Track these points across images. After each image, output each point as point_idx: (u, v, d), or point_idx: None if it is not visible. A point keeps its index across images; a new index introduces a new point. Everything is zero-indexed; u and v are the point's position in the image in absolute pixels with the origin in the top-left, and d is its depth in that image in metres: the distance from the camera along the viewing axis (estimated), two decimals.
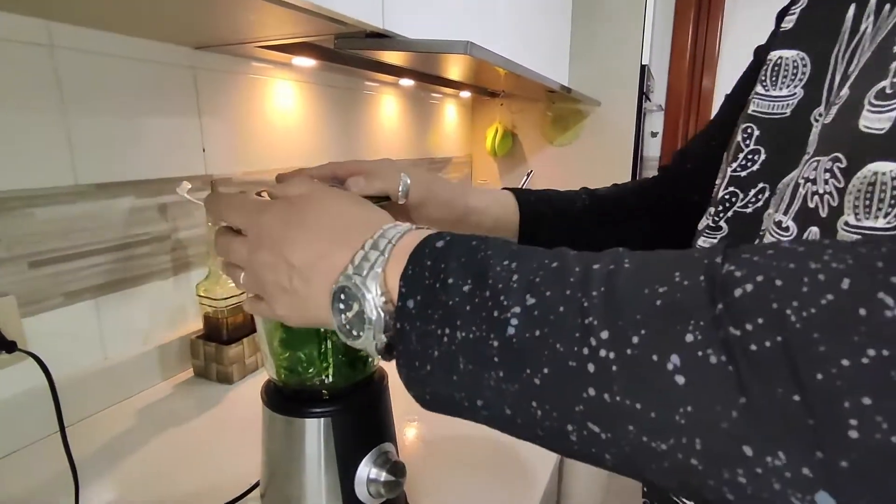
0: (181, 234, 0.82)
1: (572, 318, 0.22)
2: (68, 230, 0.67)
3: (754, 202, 0.33)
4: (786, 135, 0.32)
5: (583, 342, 0.21)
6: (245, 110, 0.92)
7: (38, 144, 0.63)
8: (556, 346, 0.22)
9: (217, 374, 0.79)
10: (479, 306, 0.24)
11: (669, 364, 0.20)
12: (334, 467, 0.43)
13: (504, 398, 0.24)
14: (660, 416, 0.20)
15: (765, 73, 0.34)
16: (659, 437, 0.20)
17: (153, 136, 0.76)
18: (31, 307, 0.64)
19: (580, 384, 0.21)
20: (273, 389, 0.45)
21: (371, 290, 0.27)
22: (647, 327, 0.20)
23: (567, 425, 0.22)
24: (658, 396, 0.20)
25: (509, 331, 0.23)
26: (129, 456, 0.62)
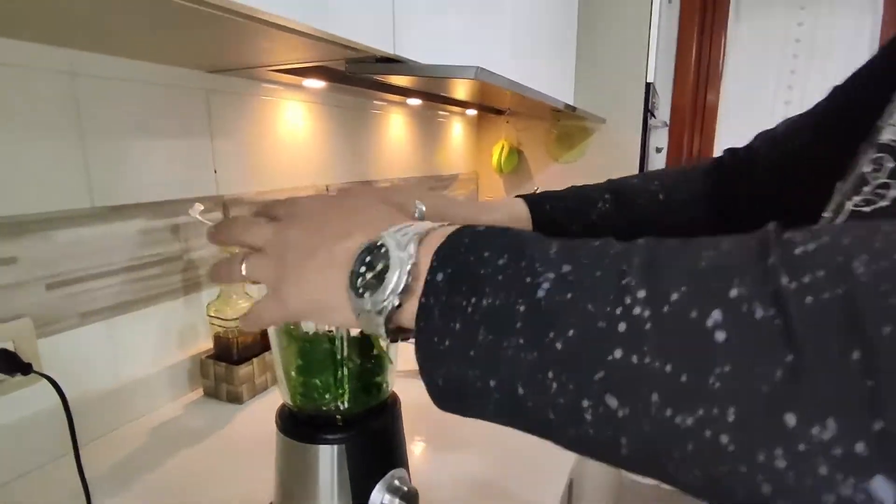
0: (192, 254, 0.83)
1: (608, 281, 0.21)
2: (84, 252, 0.68)
3: None
4: None
5: (616, 302, 0.20)
6: (256, 131, 0.93)
7: (56, 168, 0.64)
8: (587, 307, 0.21)
9: (227, 394, 0.80)
10: (512, 275, 0.23)
11: (710, 320, 0.18)
12: (347, 494, 0.43)
13: (519, 372, 0.22)
14: (691, 380, 0.18)
15: None
16: (686, 408, 0.18)
17: (166, 158, 0.78)
18: (47, 328, 0.65)
19: (607, 346, 0.20)
20: (287, 414, 0.45)
21: (405, 249, 0.26)
22: (689, 284, 0.19)
23: (583, 400, 0.20)
24: (692, 356, 0.18)
25: (538, 294, 0.22)
26: (140, 476, 0.62)
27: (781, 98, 2.14)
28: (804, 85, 2.12)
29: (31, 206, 0.62)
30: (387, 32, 0.67)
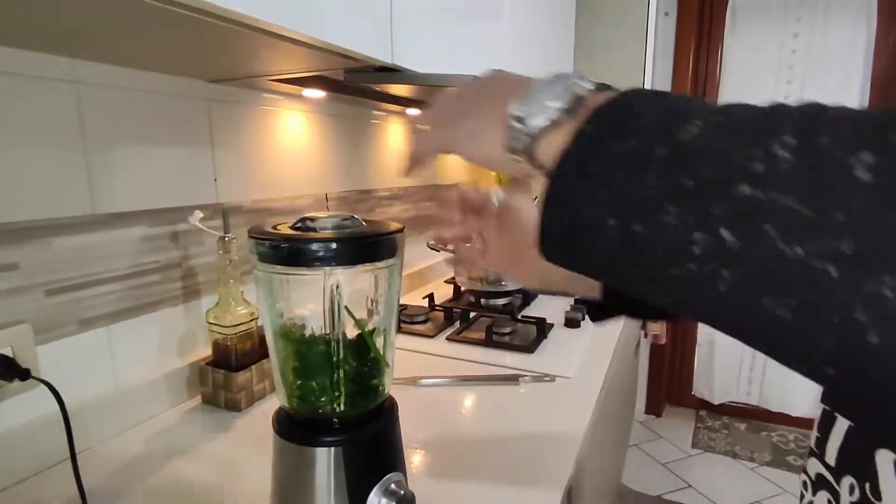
0: (192, 261, 0.83)
1: (757, 127, 0.21)
2: (84, 259, 0.68)
3: None
4: None
5: (760, 146, 0.20)
6: (256, 140, 0.94)
7: (58, 175, 0.65)
8: (727, 149, 0.21)
9: (225, 402, 0.80)
10: (660, 121, 0.24)
11: (856, 159, 0.18)
12: (344, 497, 0.43)
13: (641, 208, 0.23)
14: (817, 213, 0.18)
15: None
16: (799, 240, 0.19)
17: (167, 166, 0.78)
18: (46, 335, 0.65)
19: (736, 182, 0.20)
20: (284, 417, 0.46)
21: (581, 81, 0.28)
22: (843, 128, 0.19)
23: (696, 233, 0.21)
24: (827, 192, 0.18)
25: (682, 137, 0.22)
26: (138, 483, 0.62)
27: (784, 76, 2.16)
28: (800, 95, 2.14)
29: (33, 213, 0.62)
30: (385, 42, 0.68)
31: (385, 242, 0.42)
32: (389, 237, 0.42)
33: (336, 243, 0.39)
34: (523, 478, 0.63)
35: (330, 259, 0.39)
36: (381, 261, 0.42)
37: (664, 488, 2.01)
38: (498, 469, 0.65)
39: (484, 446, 0.70)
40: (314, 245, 0.39)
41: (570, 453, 0.67)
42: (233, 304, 0.80)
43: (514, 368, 0.94)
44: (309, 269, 0.39)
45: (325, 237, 0.40)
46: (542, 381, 0.89)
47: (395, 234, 0.43)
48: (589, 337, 1.11)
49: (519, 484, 0.62)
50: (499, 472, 0.64)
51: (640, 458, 2.21)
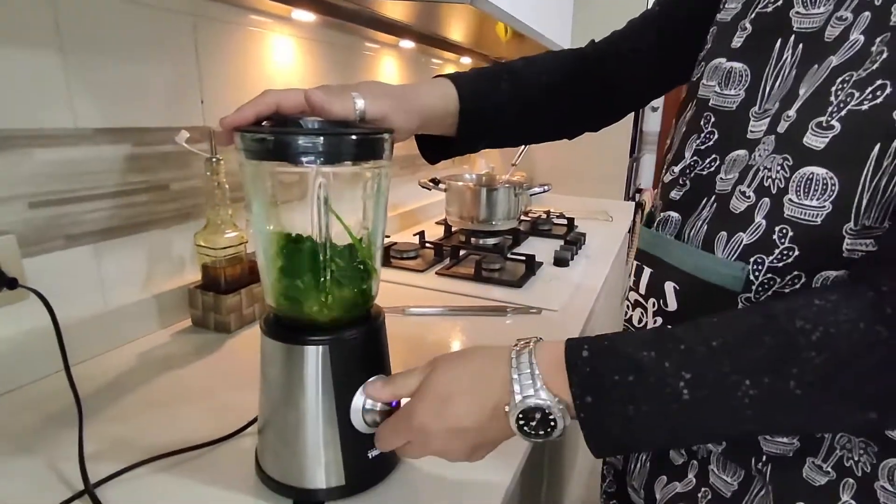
0: (180, 184, 0.82)
1: (724, 380, 0.33)
2: (67, 173, 0.67)
3: (709, 167, 0.45)
4: (730, 122, 0.44)
5: (733, 390, 0.33)
6: (243, 63, 0.91)
7: (37, 85, 0.62)
8: (716, 403, 0.34)
9: (215, 324, 0.80)
10: (650, 387, 0.34)
11: None
12: (331, 396, 0.44)
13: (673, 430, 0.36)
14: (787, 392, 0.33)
15: (721, 78, 0.46)
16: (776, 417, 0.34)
17: (152, 84, 0.76)
18: (32, 248, 0.64)
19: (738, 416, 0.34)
20: (272, 319, 0.46)
21: (548, 397, 0.36)
22: None
23: None
24: None
25: (684, 397, 0.33)
26: (129, 394, 0.63)
27: None
28: None
29: (11, 122, 0.60)
30: None
31: (373, 142, 0.42)
32: (378, 136, 0.42)
33: (323, 138, 0.38)
34: None
35: (317, 155, 0.38)
36: (370, 161, 0.42)
37: None
38: None
39: None
40: (301, 139, 0.38)
41: None
42: (221, 227, 0.80)
43: (501, 301, 0.95)
44: (296, 166, 0.39)
45: (312, 131, 0.39)
46: (529, 312, 0.91)
47: (384, 135, 0.42)
48: (577, 275, 1.12)
49: None
50: None
51: None
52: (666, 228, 0.48)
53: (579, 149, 1.83)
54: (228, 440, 0.54)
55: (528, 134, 0.67)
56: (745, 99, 0.43)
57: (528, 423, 0.37)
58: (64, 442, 0.53)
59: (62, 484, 0.47)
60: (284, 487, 0.46)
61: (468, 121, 0.57)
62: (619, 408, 0.35)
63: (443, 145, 0.61)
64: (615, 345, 0.36)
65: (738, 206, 0.41)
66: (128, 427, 0.57)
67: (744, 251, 0.40)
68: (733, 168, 0.43)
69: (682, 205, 0.47)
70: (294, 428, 0.45)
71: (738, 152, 0.43)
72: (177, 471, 0.50)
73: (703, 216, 0.44)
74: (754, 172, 0.40)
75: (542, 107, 0.62)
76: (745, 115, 0.43)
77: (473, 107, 0.57)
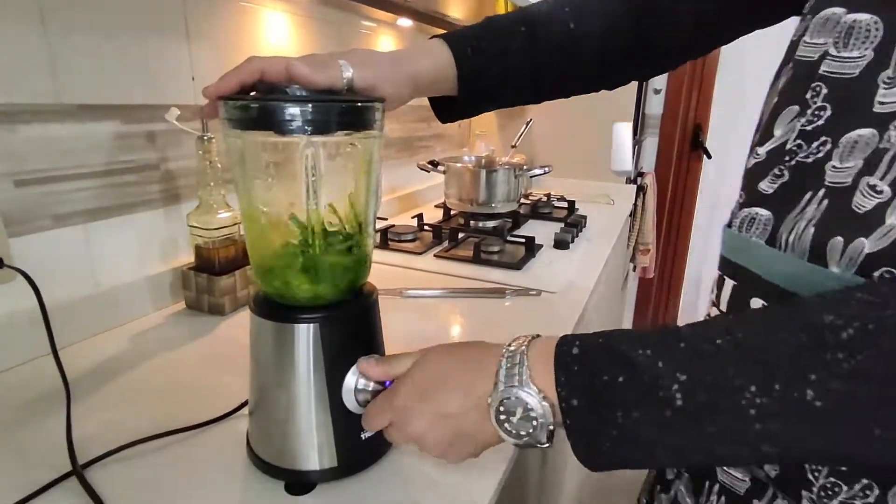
0: (171, 164, 0.80)
1: (722, 379, 0.28)
2: (54, 151, 0.65)
3: (815, 153, 0.35)
4: (850, 93, 0.34)
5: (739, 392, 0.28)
6: (235, 39, 0.89)
7: (17, 59, 0.60)
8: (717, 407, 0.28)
9: (209, 306, 0.79)
10: (642, 390, 0.30)
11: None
12: (322, 376, 0.43)
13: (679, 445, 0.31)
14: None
15: (839, 35, 0.35)
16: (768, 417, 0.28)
17: (140, 59, 0.74)
18: (19, 227, 0.63)
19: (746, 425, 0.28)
20: (262, 299, 0.45)
21: (531, 391, 0.34)
22: None
23: None
24: None
25: (677, 403, 0.29)
26: (120, 376, 0.62)
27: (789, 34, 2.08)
28: None
29: None
30: None
31: (364, 111, 0.40)
32: (369, 105, 0.40)
33: (311, 106, 0.37)
34: None
35: (305, 123, 0.37)
36: (360, 131, 0.40)
37: None
38: None
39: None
40: (288, 107, 0.36)
41: None
42: (214, 208, 0.78)
43: (500, 283, 0.94)
44: (282, 136, 0.37)
45: (299, 98, 0.37)
46: (528, 294, 0.89)
47: (375, 103, 0.40)
48: (577, 257, 1.10)
49: None
50: None
51: None
52: (752, 229, 0.38)
53: (580, 131, 1.80)
54: (219, 422, 0.53)
55: (545, 94, 0.58)
56: (874, 61, 0.33)
57: (509, 418, 0.35)
58: (52, 424, 0.52)
59: (50, 465, 0.46)
60: (276, 469, 0.45)
61: (469, 88, 0.52)
62: (607, 413, 0.31)
63: (455, 104, 0.55)
64: (609, 342, 0.33)
65: (863, 203, 0.32)
66: (118, 410, 0.56)
67: (866, 263, 0.31)
68: (854, 153, 0.33)
69: (776, 200, 0.37)
70: (285, 409, 0.44)
71: (860, 132, 0.33)
72: (167, 453, 0.49)
73: (807, 215, 0.34)
74: (890, 159, 0.31)
75: (564, 66, 0.54)
76: (873, 83, 0.33)
77: (475, 73, 0.51)
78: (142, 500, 0.43)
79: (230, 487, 0.45)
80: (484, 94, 0.54)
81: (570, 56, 0.53)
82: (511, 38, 0.52)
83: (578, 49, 0.53)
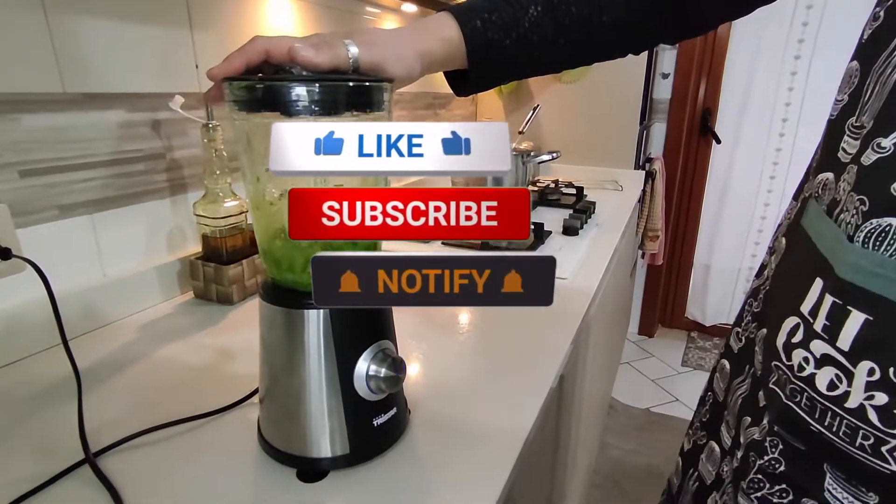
0: (176, 153, 0.80)
1: None
2: (58, 140, 0.64)
3: None
4: None
5: None
6: (238, 26, 0.88)
7: (20, 47, 0.60)
8: None
9: (217, 295, 0.79)
10: None
11: None
12: (333, 361, 0.42)
13: None
14: None
15: None
16: None
17: (143, 46, 0.73)
18: (25, 218, 0.62)
19: None
20: (271, 286, 0.44)
21: None
22: None
23: None
24: None
25: None
26: (130, 366, 0.62)
27: (799, 19, 2.04)
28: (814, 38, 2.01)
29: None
30: None
31: (372, 91, 0.39)
32: (377, 85, 0.39)
33: (318, 86, 0.36)
34: (522, 360, 0.63)
35: (311, 103, 0.36)
36: (368, 112, 0.39)
37: (653, 402, 2.09)
38: (490, 359, 0.65)
39: (474, 336, 0.70)
40: (294, 87, 0.35)
41: (562, 348, 0.67)
42: (220, 196, 0.77)
43: None
44: (289, 117, 0.36)
45: (306, 77, 0.36)
46: None
47: (383, 84, 0.39)
48: (586, 244, 1.09)
49: (513, 363, 0.62)
50: (490, 362, 0.65)
51: (631, 375, 2.28)
52: (887, 243, 0.30)
53: (588, 117, 1.78)
54: (230, 410, 0.53)
55: (565, 62, 0.55)
56: None
57: None
58: (63, 414, 0.52)
59: (62, 454, 0.46)
60: (287, 457, 0.44)
61: (480, 62, 0.49)
62: None
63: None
64: None
65: None
66: (129, 399, 0.55)
67: None
68: None
69: None
70: (296, 396, 0.43)
71: None
72: (178, 441, 0.49)
73: None
74: None
75: (584, 33, 0.51)
76: None
77: (485, 46, 0.49)
78: (154, 489, 0.43)
79: (243, 475, 0.45)
80: (497, 66, 0.51)
81: (591, 21, 0.50)
82: (525, 10, 0.49)
83: (600, 11, 0.50)
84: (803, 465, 0.35)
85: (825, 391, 0.33)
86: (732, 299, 2.52)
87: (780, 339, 0.37)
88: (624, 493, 1.63)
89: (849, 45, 0.35)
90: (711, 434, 0.50)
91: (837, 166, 0.34)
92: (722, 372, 0.51)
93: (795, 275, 0.37)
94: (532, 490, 0.70)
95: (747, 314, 0.49)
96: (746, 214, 2.36)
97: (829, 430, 0.33)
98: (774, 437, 0.37)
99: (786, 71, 2.10)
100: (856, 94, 0.34)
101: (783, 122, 2.16)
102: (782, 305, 0.38)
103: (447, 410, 0.53)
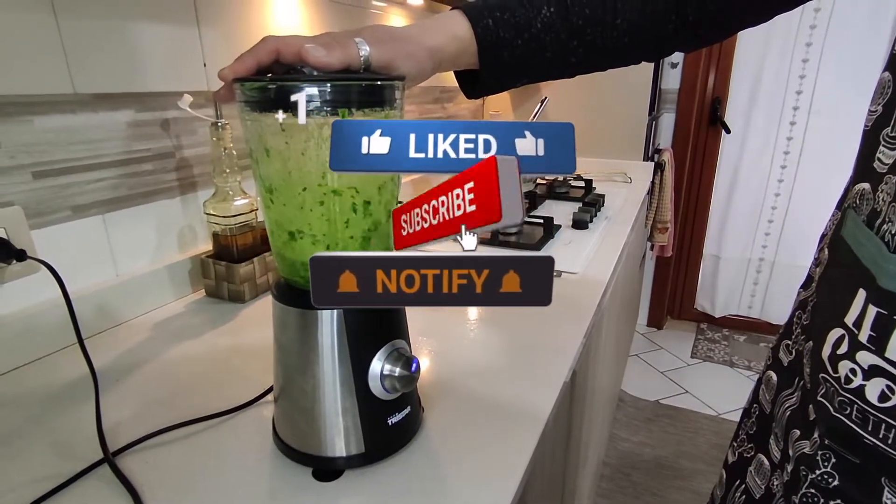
0: (186, 152, 0.80)
1: None
2: (70, 141, 0.65)
3: None
4: None
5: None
6: (245, 23, 0.87)
7: (31, 49, 0.60)
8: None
9: (229, 293, 0.79)
10: None
11: None
12: (347, 361, 0.42)
13: None
14: None
15: None
16: None
17: (151, 46, 0.73)
18: (39, 219, 0.63)
19: None
20: (284, 286, 0.44)
21: None
22: None
23: None
24: None
25: None
26: (145, 365, 0.62)
27: (811, 5, 2.01)
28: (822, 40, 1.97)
29: (8, 88, 0.58)
30: None
31: (383, 89, 0.38)
32: (388, 84, 0.38)
33: (329, 85, 0.35)
34: (534, 356, 0.63)
35: (322, 104, 0.35)
36: (380, 110, 0.39)
37: (662, 394, 2.08)
38: (502, 355, 0.65)
39: (485, 332, 0.70)
40: (305, 87, 0.35)
41: (575, 343, 0.67)
42: (230, 195, 0.78)
43: None
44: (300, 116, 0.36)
45: (318, 77, 0.36)
46: None
47: (395, 82, 0.39)
48: (596, 237, 1.09)
49: (524, 364, 0.62)
50: (503, 358, 0.64)
51: (640, 367, 2.27)
52: None
53: (596, 108, 1.77)
54: (245, 409, 0.53)
55: (577, 67, 0.53)
56: None
57: None
58: (81, 414, 0.52)
59: (81, 454, 0.47)
60: (303, 456, 0.45)
61: (491, 62, 0.49)
62: None
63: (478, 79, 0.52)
64: None
65: None
66: (145, 397, 0.56)
67: None
68: None
69: None
70: (311, 396, 0.43)
71: None
72: (195, 440, 0.49)
73: None
74: None
75: (598, 37, 0.49)
76: None
77: (496, 46, 0.48)
78: (173, 488, 0.43)
79: (259, 474, 0.45)
80: (508, 68, 0.50)
81: (605, 22, 0.49)
82: (538, 10, 0.48)
83: (615, 13, 0.49)
84: (859, 480, 0.35)
85: (877, 402, 0.32)
86: (742, 290, 2.50)
87: (826, 351, 0.36)
88: (633, 485, 1.63)
89: (860, 32, 0.34)
90: (759, 447, 0.49)
91: (874, 177, 0.34)
92: (768, 384, 0.49)
93: (838, 286, 0.36)
94: (546, 484, 0.71)
95: (797, 326, 0.47)
96: (756, 204, 2.34)
97: (885, 443, 0.32)
98: (826, 451, 0.36)
99: (797, 58, 2.07)
100: (890, 104, 0.34)
101: (794, 110, 2.14)
102: (827, 317, 0.37)
103: (461, 408, 0.53)
